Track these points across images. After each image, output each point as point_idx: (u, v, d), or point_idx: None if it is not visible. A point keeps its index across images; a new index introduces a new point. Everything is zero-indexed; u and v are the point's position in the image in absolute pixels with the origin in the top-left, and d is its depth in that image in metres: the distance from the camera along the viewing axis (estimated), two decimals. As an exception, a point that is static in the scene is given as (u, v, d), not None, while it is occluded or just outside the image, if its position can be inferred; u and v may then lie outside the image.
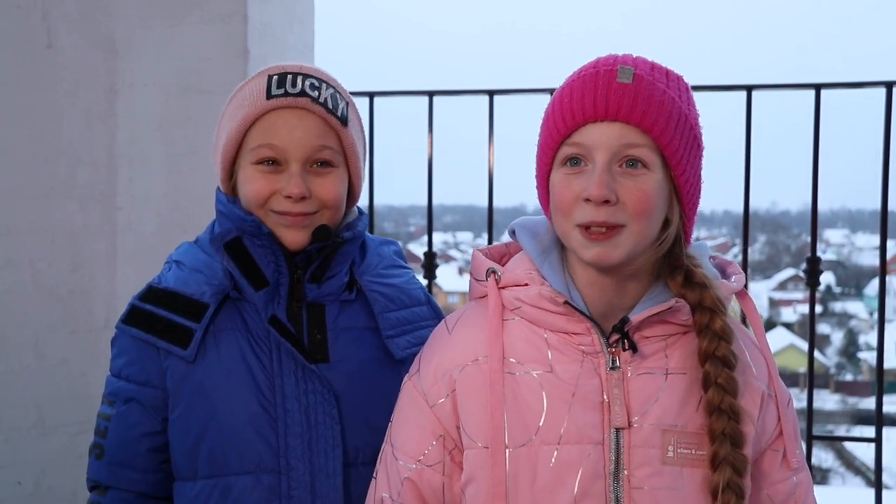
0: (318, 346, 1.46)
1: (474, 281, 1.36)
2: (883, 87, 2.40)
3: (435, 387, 1.29)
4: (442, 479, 1.28)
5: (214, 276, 1.45)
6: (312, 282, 1.47)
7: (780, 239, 62.87)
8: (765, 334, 1.36)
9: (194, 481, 1.43)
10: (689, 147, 1.22)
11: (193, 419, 1.42)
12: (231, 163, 1.47)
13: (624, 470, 1.20)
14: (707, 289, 1.25)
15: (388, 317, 1.50)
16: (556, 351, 1.25)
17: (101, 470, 1.49)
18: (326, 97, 1.45)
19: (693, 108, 1.25)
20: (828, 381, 38.98)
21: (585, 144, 1.20)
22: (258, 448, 1.41)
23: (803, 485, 1.34)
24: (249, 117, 1.43)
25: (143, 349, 1.44)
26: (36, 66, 2.54)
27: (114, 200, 2.67)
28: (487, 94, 2.61)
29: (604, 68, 1.22)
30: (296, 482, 1.41)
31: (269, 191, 1.42)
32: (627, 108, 1.18)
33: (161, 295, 1.46)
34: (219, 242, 1.44)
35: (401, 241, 19.08)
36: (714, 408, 1.21)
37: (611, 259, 1.20)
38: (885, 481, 21.00)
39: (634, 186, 1.19)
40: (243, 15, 2.55)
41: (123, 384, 1.46)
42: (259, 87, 1.45)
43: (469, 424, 1.26)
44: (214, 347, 1.43)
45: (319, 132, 1.44)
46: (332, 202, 1.45)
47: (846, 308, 46.91)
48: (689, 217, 1.27)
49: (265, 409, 1.41)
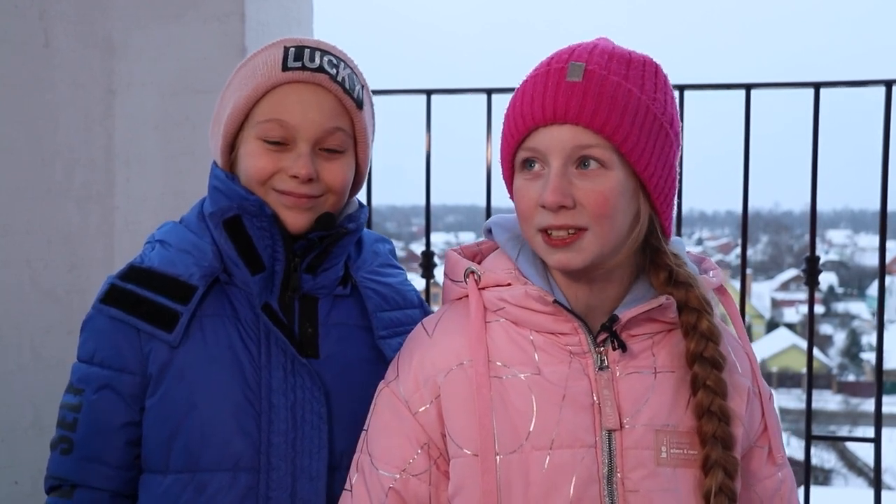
0: (309, 341, 1.38)
1: (450, 282, 1.32)
2: (882, 86, 2.39)
3: (417, 393, 1.24)
4: (428, 489, 1.23)
5: (204, 258, 1.36)
6: (308, 272, 1.39)
7: (783, 239, 62.81)
8: (745, 329, 1.34)
9: (165, 475, 1.33)
10: (654, 139, 1.18)
11: (171, 407, 1.32)
12: (234, 135, 1.39)
13: (617, 473, 1.17)
14: (692, 288, 1.23)
15: (381, 316, 1.43)
16: (542, 352, 1.21)
17: (68, 466, 1.36)
18: (344, 76, 1.37)
19: (662, 93, 1.20)
20: (830, 381, 38.91)
21: (539, 149, 1.18)
22: (238, 444, 1.32)
23: (787, 481, 1.33)
24: (261, 88, 1.35)
25: (122, 331, 1.34)
26: (33, 67, 2.53)
27: (111, 201, 2.66)
28: (486, 93, 2.61)
29: (555, 66, 1.19)
30: (276, 483, 1.32)
31: (274, 168, 1.34)
32: (576, 109, 1.15)
33: (144, 274, 1.36)
34: (218, 219, 1.34)
35: (403, 242, 19.21)
36: (704, 410, 1.19)
37: (574, 264, 1.17)
38: (886, 482, 20.76)
39: (592, 188, 1.15)
40: (241, 14, 2.54)
41: (96, 370, 1.35)
42: (274, 58, 1.36)
43: (456, 431, 1.21)
44: (200, 333, 1.33)
45: (334, 113, 1.36)
46: (338, 188, 1.38)
47: (849, 309, 46.87)
48: (662, 210, 1.22)
49: (249, 402, 1.32)
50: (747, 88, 2.46)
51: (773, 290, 49.10)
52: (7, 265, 2.51)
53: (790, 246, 60.08)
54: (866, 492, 21.60)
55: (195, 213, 1.45)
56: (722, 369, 1.21)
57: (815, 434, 2.58)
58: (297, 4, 2.81)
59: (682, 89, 2.44)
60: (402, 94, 2.71)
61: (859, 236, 62.51)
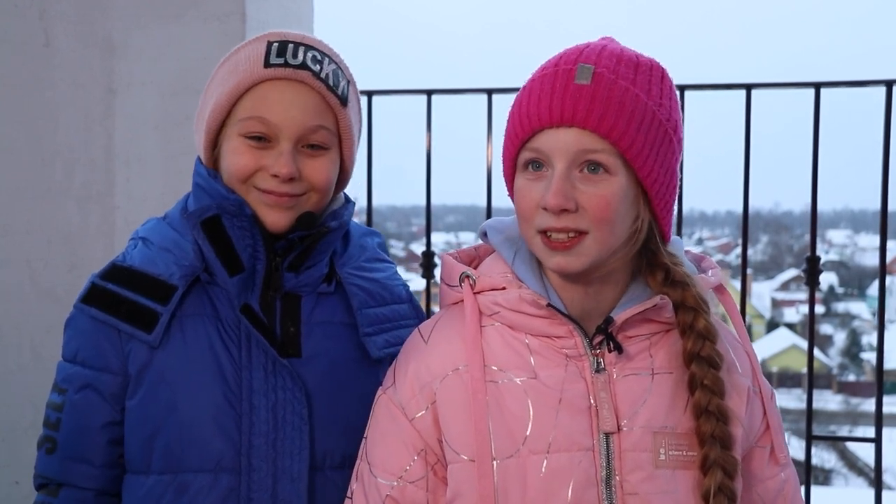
0: (291, 340, 1.36)
1: (447, 287, 1.31)
2: (883, 86, 2.39)
3: (413, 399, 1.24)
4: (426, 496, 1.23)
5: (185, 257, 1.34)
6: (290, 270, 1.37)
7: (783, 239, 62.83)
8: (745, 328, 1.34)
9: (147, 475, 1.33)
10: (658, 145, 1.17)
11: (152, 408, 1.31)
12: (216, 132, 1.38)
13: (616, 476, 1.17)
14: (689, 287, 1.22)
15: (366, 313, 1.40)
16: (538, 356, 1.21)
17: (53, 465, 1.36)
18: (328, 73, 1.35)
19: (667, 99, 1.20)
20: (830, 381, 38.92)
21: (544, 150, 1.17)
22: (219, 445, 1.31)
23: (791, 481, 1.32)
24: (242, 84, 1.34)
25: (103, 331, 1.34)
26: (33, 66, 2.53)
27: (111, 200, 2.66)
28: (486, 93, 2.60)
29: (563, 67, 1.18)
30: (257, 484, 1.31)
31: (256, 166, 1.33)
32: (583, 114, 1.14)
33: (125, 274, 1.35)
34: (195, 219, 1.33)
35: (403, 242, 19.21)
36: (702, 410, 1.18)
37: (573, 268, 1.17)
38: (887, 482, 20.71)
39: (595, 193, 1.15)
40: (241, 14, 2.54)
41: (78, 369, 1.35)
42: (257, 53, 1.34)
43: (452, 437, 1.21)
44: (180, 333, 1.32)
45: (316, 110, 1.34)
46: (321, 186, 1.36)
47: (849, 308, 46.88)
48: (662, 216, 1.22)
49: (230, 403, 1.31)
50: (748, 88, 2.45)
51: (774, 290, 49.11)
52: (7, 265, 2.51)
53: (790, 246, 60.09)
54: (866, 492, 21.58)
55: (179, 209, 1.43)
56: (719, 368, 1.20)
57: (816, 434, 2.58)
58: (297, 4, 2.81)
59: (683, 89, 2.44)
60: (402, 95, 2.71)
61: (859, 236, 62.53)
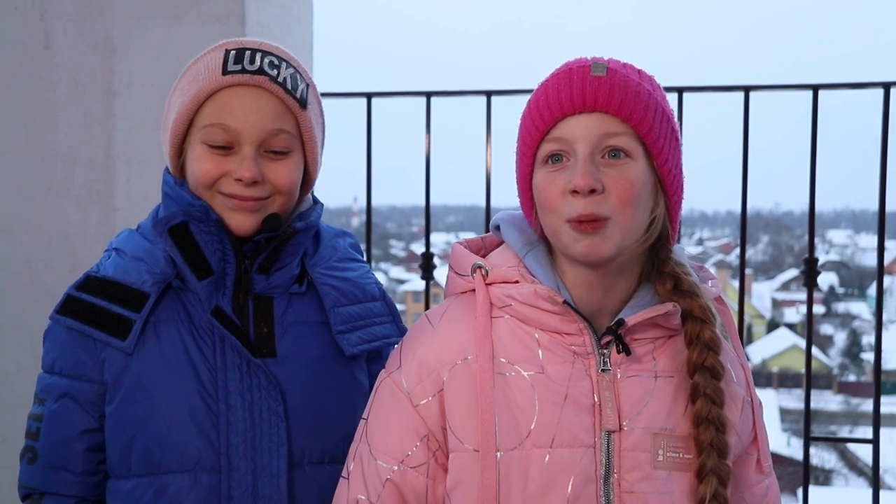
0: (264, 340, 1.39)
1: (455, 275, 1.31)
2: (881, 88, 2.39)
3: (420, 385, 1.25)
4: (426, 482, 1.24)
5: (156, 265, 1.37)
6: (260, 272, 1.39)
7: (783, 239, 62.89)
8: (739, 340, 1.36)
9: (127, 479, 1.35)
10: (669, 138, 1.22)
11: (130, 413, 1.34)
12: (181, 140, 1.41)
13: (614, 473, 1.19)
14: (697, 297, 1.24)
15: (339, 311, 1.43)
16: (547, 351, 1.22)
17: (34, 475, 1.40)
18: (286, 77, 1.37)
19: (666, 103, 1.25)
20: (831, 381, 38.93)
21: (566, 138, 1.19)
22: (197, 445, 1.33)
23: (773, 488, 1.36)
24: (202, 93, 1.36)
25: (79, 341, 1.36)
26: (33, 67, 2.54)
27: (111, 201, 2.67)
28: (485, 95, 2.61)
29: (577, 65, 1.22)
30: (237, 482, 1.34)
31: (219, 172, 1.35)
32: (605, 98, 1.18)
33: (99, 284, 1.37)
34: (162, 227, 1.36)
35: (403, 242, 19.23)
36: (702, 419, 1.20)
37: (600, 252, 1.18)
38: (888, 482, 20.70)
39: (619, 175, 1.18)
40: (241, 16, 2.55)
41: (56, 379, 1.38)
42: (215, 62, 1.37)
43: (457, 426, 1.22)
44: (154, 339, 1.35)
45: (276, 114, 1.36)
46: (285, 188, 1.38)
47: (849, 309, 46.91)
48: (674, 210, 1.25)
49: (206, 405, 1.34)
50: (746, 90, 2.46)
51: (774, 290, 49.15)
52: (7, 265, 2.51)
53: (791, 246, 60.14)
54: (867, 492, 21.57)
55: (150, 218, 1.46)
56: (721, 379, 1.22)
57: (815, 435, 2.58)
58: (297, 4, 2.82)
59: (682, 91, 2.45)
60: (402, 97, 2.72)
61: (860, 236, 62.56)
